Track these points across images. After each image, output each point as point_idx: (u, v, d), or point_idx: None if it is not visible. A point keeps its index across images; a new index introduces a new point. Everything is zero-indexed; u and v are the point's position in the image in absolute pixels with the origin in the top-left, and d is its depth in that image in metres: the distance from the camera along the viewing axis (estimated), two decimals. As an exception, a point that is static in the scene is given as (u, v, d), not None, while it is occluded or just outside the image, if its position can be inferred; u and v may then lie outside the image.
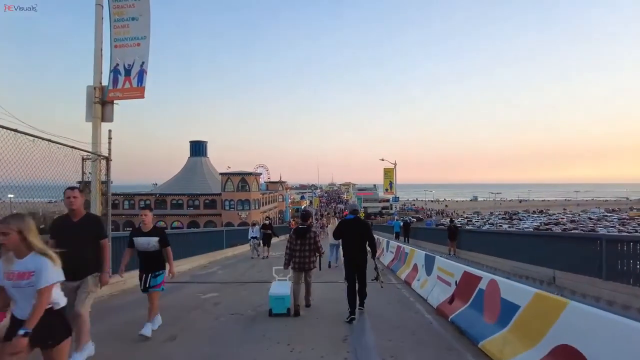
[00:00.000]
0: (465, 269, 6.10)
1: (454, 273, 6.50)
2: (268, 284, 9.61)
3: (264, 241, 16.76)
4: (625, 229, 78.07)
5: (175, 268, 11.82)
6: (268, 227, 16.99)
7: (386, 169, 36.46)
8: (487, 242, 14.24)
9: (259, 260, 14.94)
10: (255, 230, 16.90)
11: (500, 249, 12.86)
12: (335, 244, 12.45)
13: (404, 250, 11.29)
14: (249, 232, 17.09)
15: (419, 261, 9.18)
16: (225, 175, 63.23)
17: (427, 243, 23.47)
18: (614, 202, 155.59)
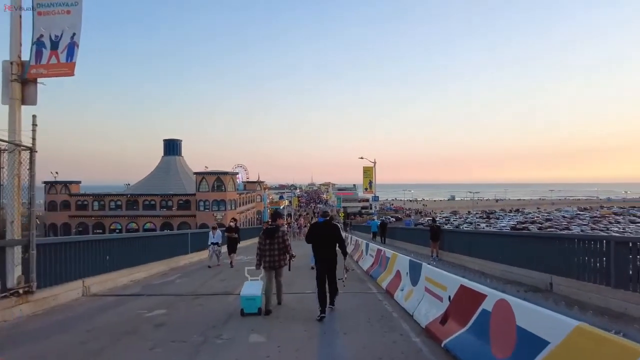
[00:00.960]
0: (461, 281, 4.95)
1: (447, 286, 5.35)
2: (230, 297, 8.38)
3: (229, 246, 14.47)
4: (597, 227, 79.92)
5: (130, 276, 10.44)
6: (234, 230, 14.80)
7: (366, 168, 35.46)
8: (473, 244, 13.27)
9: (226, 268, 13.49)
10: (217, 235, 14.31)
11: (488, 251, 11.88)
12: None
13: (384, 254, 10.13)
14: (209, 237, 14.40)
15: (402, 268, 8.02)
16: (199, 174, 61.07)
17: (407, 244, 22.49)
18: (585, 201, 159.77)
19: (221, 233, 14.62)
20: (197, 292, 9.06)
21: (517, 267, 10.05)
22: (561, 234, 8.57)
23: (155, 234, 14.74)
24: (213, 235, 14.29)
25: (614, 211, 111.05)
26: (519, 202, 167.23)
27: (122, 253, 10.70)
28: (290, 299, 7.84)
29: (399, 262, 8.45)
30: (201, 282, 10.59)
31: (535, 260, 9.24)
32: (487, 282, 10.44)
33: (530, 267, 9.39)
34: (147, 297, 8.49)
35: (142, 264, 11.76)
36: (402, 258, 8.22)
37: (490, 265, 11.57)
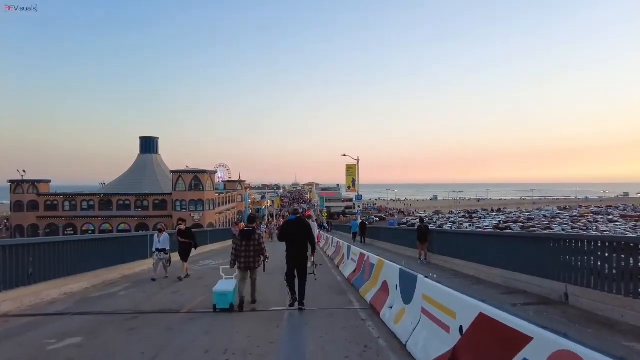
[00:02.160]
0: (480, 308, 3.40)
1: (456, 312, 3.81)
2: (176, 316, 6.71)
3: (182, 254, 11.64)
4: (577, 226, 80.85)
5: (64, 288, 8.60)
6: (184, 234, 11.70)
7: (349, 165, 33.94)
8: (467, 246, 11.84)
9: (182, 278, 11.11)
10: (163, 240, 11.21)
11: (485, 255, 10.45)
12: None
13: (368, 260, 8.58)
14: (153, 242, 11.37)
15: (390, 278, 6.47)
16: (176, 173, 58.67)
17: (392, 244, 21.06)
18: (563, 200, 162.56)
19: (168, 237, 11.47)
20: (138, 308, 7.33)
21: (522, 274, 8.62)
22: (581, 235, 7.08)
23: (106, 236, 12.78)
24: (158, 239, 11.23)
25: (592, 210, 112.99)
26: (500, 201, 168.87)
27: (56, 259, 8.88)
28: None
29: (386, 270, 6.89)
30: (149, 294, 8.83)
31: (546, 265, 7.81)
32: (485, 290, 9.05)
33: (540, 273, 7.97)
34: (71, 318, 6.74)
35: (84, 271, 9.95)
36: (390, 266, 6.66)
37: (487, 270, 10.14)
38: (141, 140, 74.59)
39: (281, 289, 8.00)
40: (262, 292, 8.09)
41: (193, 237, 11.97)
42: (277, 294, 8.35)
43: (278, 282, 9.87)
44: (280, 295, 7.97)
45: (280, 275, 7.56)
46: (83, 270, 9.93)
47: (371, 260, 8.24)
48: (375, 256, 8.00)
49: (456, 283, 9.79)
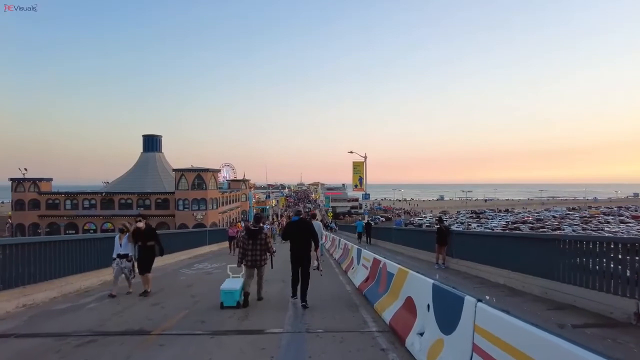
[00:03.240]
0: None
1: None
2: (145, 340, 5.29)
3: (141, 262, 8.68)
4: (588, 227, 78.96)
5: (23, 298, 7.23)
6: (145, 235, 8.64)
7: (355, 163, 32.43)
8: (493, 249, 10.31)
9: (161, 291, 8.98)
10: (126, 243, 8.68)
11: (517, 260, 8.93)
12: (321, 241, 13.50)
13: (384, 268, 7.08)
14: (115, 246, 8.77)
15: (418, 295, 4.99)
16: (178, 171, 57.44)
17: (402, 246, 19.56)
18: (572, 201, 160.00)
19: (131, 244, 8.79)
20: (100, 328, 5.90)
21: (569, 285, 7.11)
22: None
23: (85, 236, 11.32)
24: (120, 242, 8.68)
25: (603, 211, 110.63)
26: (508, 202, 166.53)
27: (17, 263, 7.53)
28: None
29: (411, 283, 5.41)
30: (123, 307, 7.39)
31: (608, 276, 6.29)
32: (524, 304, 7.56)
33: (597, 286, 6.46)
34: (11, 342, 5.34)
35: (55, 277, 8.57)
36: (417, 279, 5.18)
37: (521, 279, 8.63)
38: (144, 138, 73.59)
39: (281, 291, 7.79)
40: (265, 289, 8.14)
41: (156, 239, 8.79)
42: (278, 293, 8.25)
43: (276, 289, 8.50)
44: (281, 294, 8.03)
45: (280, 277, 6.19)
46: (53, 276, 8.56)
47: (389, 268, 6.76)
48: (394, 264, 6.52)
49: (485, 294, 8.31)
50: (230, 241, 19.05)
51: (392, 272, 6.44)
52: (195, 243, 18.95)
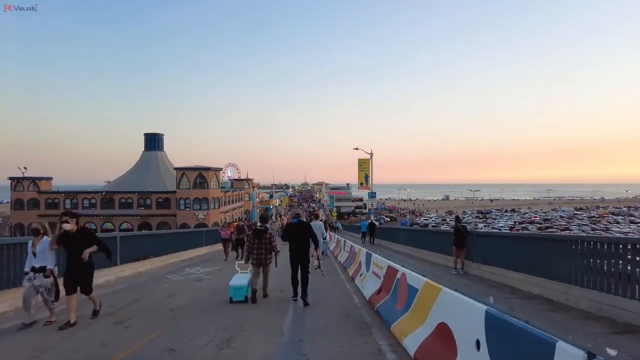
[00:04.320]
0: None
1: None
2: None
3: (76, 280, 6.01)
4: (597, 227, 77.31)
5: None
6: (77, 240, 6.02)
7: (361, 160, 31.02)
8: (524, 253, 8.90)
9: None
10: (41, 253, 5.97)
11: (557, 267, 7.53)
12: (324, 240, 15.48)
13: (404, 280, 5.69)
14: (27, 257, 6.05)
15: (458, 324, 3.62)
16: (180, 170, 56.29)
17: (411, 248, 18.15)
18: (579, 201, 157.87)
19: (45, 249, 6.06)
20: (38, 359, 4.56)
21: (633, 300, 5.72)
22: None
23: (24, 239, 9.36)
24: (33, 250, 6.02)
25: (611, 211, 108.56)
26: (514, 202, 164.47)
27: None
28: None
29: (445, 305, 4.02)
30: (75, 329, 5.91)
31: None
32: (573, 322, 6.18)
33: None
34: None
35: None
36: (456, 300, 3.78)
37: (563, 289, 7.23)
38: (146, 136, 72.63)
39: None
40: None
41: (99, 243, 6.33)
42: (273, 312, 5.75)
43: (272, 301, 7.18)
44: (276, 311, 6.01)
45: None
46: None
47: (410, 280, 5.38)
48: (418, 275, 5.14)
49: (520, 306, 6.94)
50: (225, 244, 16.75)
51: (414, 286, 5.07)
52: (190, 244, 17.65)
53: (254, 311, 6.84)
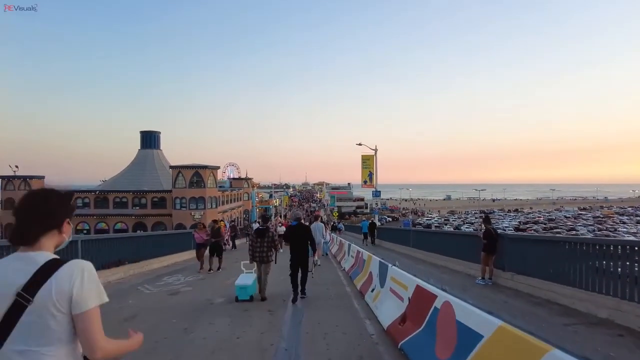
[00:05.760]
0: None
1: None
2: None
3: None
4: (603, 227, 75.80)
5: None
6: None
7: (365, 156, 29.18)
8: (578, 262, 7.07)
9: None
10: None
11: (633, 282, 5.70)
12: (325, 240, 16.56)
13: (449, 313, 3.81)
14: None
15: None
16: (175, 168, 54.47)
17: (424, 252, 16.30)
18: (582, 201, 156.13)
19: None
20: None
21: None
22: None
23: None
24: None
25: (616, 211, 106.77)
26: (516, 202, 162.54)
27: None
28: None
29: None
30: None
31: None
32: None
33: None
34: None
35: None
36: None
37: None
38: (142, 134, 70.74)
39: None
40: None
41: None
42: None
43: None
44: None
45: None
46: None
47: (461, 316, 3.49)
48: (482, 313, 3.26)
49: (595, 340, 5.12)
50: (199, 251, 13.19)
51: (473, 329, 3.20)
52: (176, 247, 15.82)
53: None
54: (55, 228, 1.59)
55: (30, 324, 1.42)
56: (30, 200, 1.59)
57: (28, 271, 1.46)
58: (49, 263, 1.49)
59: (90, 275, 1.51)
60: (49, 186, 1.67)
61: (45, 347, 1.43)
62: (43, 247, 1.55)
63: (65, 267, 1.48)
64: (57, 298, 1.43)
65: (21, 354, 1.41)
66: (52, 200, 1.62)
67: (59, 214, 1.62)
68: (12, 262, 1.51)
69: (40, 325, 1.42)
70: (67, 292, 1.45)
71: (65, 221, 1.65)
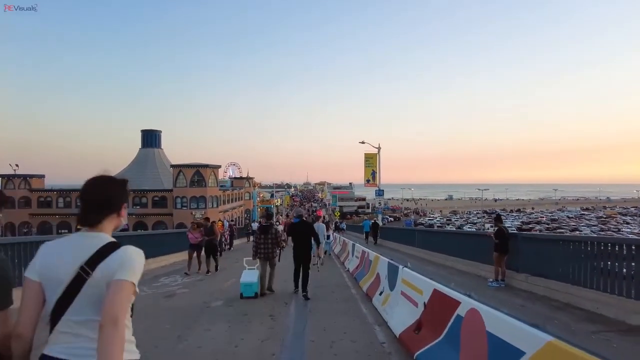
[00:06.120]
0: None
1: None
2: None
3: None
4: (607, 227, 75.27)
5: None
6: None
7: (368, 155, 28.69)
8: (597, 262, 6.58)
9: None
10: None
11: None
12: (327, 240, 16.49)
13: (477, 322, 3.29)
14: None
15: None
16: (176, 167, 54.12)
17: (431, 253, 15.82)
18: (584, 201, 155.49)
19: None
20: None
21: None
22: None
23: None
24: None
25: (618, 211, 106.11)
26: (518, 202, 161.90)
27: None
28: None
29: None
30: None
31: None
32: None
33: None
34: None
35: None
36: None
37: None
38: (143, 133, 70.37)
39: None
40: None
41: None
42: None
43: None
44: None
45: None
46: None
47: (493, 326, 3.00)
48: (520, 323, 2.77)
49: (628, 347, 4.64)
50: (191, 253, 12.12)
51: (509, 343, 2.72)
52: (175, 247, 15.35)
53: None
54: (115, 212, 1.74)
55: (88, 295, 1.56)
56: (94, 186, 1.73)
57: (90, 249, 1.60)
58: (108, 244, 1.63)
59: (136, 257, 1.64)
60: (107, 174, 1.79)
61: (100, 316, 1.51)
62: (104, 229, 1.70)
63: (120, 249, 1.63)
64: (110, 274, 1.55)
65: (80, 323, 1.55)
66: (112, 187, 1.76)
67: (118, 199, 1.75)
68: (77, 240, 1.68)
69: (97, 297, 1.54)
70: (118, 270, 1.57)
71: (123, 206, 1.78)
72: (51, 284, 1.57)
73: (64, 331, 1.54)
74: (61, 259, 1.60)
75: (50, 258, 1.61)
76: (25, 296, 1.59)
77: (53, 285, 1.57)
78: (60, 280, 1.56)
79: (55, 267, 1.58)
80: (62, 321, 1.55)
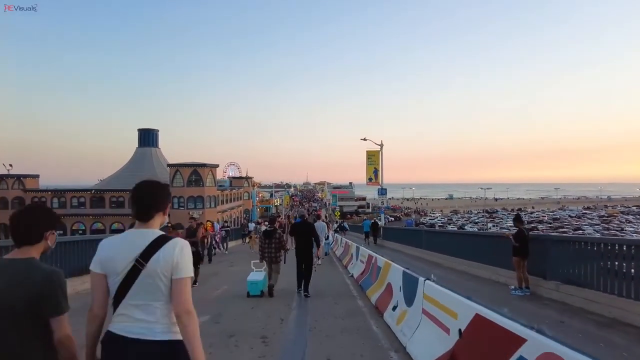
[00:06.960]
0: None
1: None
2: None
3: None
4: (610, 226, 74.32)
5: None
6: None
7: (369, 152, 27.59)
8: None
9: None
10: None
11: None
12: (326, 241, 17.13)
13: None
14: None
15: None
16: (173, 166, 53.00)
17: (440, 255, 14.73)
18: (584, 200, 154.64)
19: None
20: None
21: None
22: None
23: None
24: None
25: (620, 210, 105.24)
26: (519, 201, 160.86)
27: None
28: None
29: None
30: None
31: None
32: None
33: None
34: None
35: None
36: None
37: None
38: (140, 132, 69.33)
39: None
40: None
41: None
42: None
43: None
44: None
45: None
46: None
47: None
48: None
49: None
50: None
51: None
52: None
53: None
54: (161, 210, 2.06)
55: (143, 284, 1.88)
56: (149, 187, 2.08)
57: (144, 243, 1.92)
58: (159, 238, 1.95)
59: (188, 252, 1.96)
60: (155, 178, 2.17)
61: (155, 301, 1.89)
62: (154, 224, 2.03)
63: (170, 243, 1.93)
64: (163, 265, 1.88)
65: (137, 307, 1.88)
66: (162, 188, 2.12)
67: (166, 200, 2.11)
68: (133, 235, 2.02)
69: (151, 285, 1.88)
70: (170, 262, 1.89)
71: (168, 205, 2.13)
72: (112, 274, 1.90)
73: (123, 313, 1.89)
74: (119, 253, 1.91)
75: (110, 252, 1.93)
76: (93, 285, 1.96)
77: (114, 275, 1.90)
78: (119, 271, 1.89)
79: (114, 260, 1.90)
80: (122, 305, 1.90)
